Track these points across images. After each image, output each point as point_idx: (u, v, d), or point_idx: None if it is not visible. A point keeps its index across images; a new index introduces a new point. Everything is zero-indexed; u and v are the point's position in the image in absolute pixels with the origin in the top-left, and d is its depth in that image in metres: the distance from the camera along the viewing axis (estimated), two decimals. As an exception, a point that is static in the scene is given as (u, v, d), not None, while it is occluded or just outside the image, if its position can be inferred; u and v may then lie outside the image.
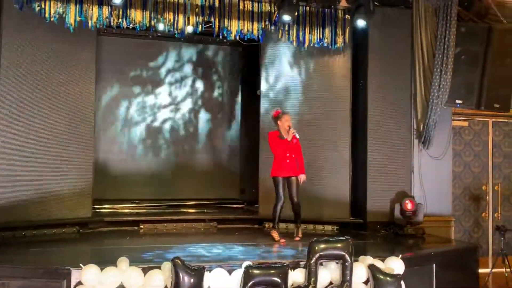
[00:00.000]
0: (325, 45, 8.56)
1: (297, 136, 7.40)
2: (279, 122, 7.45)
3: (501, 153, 10.04)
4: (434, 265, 6.50)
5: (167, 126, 10.60)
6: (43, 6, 7.31)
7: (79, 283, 5.12)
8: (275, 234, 7.36)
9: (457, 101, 8.43)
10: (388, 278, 5.53)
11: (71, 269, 5.19)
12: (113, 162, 10.16)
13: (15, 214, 7.21)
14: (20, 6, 7.20)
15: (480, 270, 7.43)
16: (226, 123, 11.02)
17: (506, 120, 10.01)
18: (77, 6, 7.47)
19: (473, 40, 8.39)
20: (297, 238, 7.42)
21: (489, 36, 8.36)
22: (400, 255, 5.92)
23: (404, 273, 5.77)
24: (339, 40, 8.59)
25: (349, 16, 8.55)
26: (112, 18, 7.72)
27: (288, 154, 7.35)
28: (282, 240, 7.27)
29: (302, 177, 7.41)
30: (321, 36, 8.53)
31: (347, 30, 8.62)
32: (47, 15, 7.34)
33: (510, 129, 10.10)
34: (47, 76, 7.71)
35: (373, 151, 8.57)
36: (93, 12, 7.59)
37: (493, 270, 8.26)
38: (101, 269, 5.13)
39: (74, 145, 7.95)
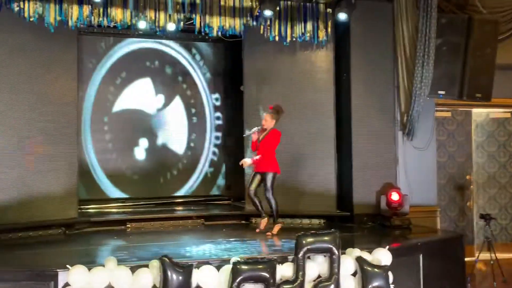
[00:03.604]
0: (307, 39, 8.58)
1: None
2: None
3: (484, 142, 10.16)
4: (420, 255, 6.53)
5: (152, 124, 10.54)
6: (22, 6, 7.25)
7: (67, 284, 5.07)
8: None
9: (439, 92, 8.48)
10: (375, 270, 5.57)
11: (58, 270, 5.14)
12: (99, 161, 10.05)
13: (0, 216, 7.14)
14: (-1, 7, 7.14)
15: (466, 259, 7.50)
16: (210, 119, 10.98)
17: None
18: (57, 5, 7.42)
19: (454, 31, 8.44)
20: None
21: (469, 26, 8.40)
22: (387, 246, 5.96)
23: (392, 264, 5.79)
24: (321, 34, 8.61)
25: (330, 10, 8.57)
26: (92, 17, 7.68)
27: None
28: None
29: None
30: (303, 30, 8.55)
31: (329, 24, 8.64)
32: (26, 15, 7.29)
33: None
34: (29, 77, 7.63)
35: (357, 144, 8.60)
36: (73, 11, 7.54)
37: (479, 258, 8.34)
38: (89, 270, 5.09)
39: (58, 145, 7.89)
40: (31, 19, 7.33)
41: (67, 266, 5.09)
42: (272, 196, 7.43)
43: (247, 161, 7.49)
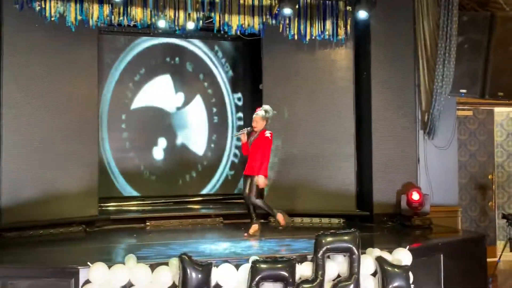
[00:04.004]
0: (327, 37, 8.52)
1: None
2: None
3: (506, 142, 10.03)
4: (441, 255, 6.48)
5: (171, 123, 10.54)
6: (43, 5, 7.32)
7: (87, 281, 5.12)
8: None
9: (461, 91, 8.38)
10: (396, 270, 5.52)
11: (79, 267, 5.19)
12: (115, 160, 10.08)
13: (21, 214, 7.23)
14: (20, 6, 7.21)
15: (488, 259, 7.41)
16: (232, 120, 10.94)
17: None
18: (78, 4, 7.48)
19: (476, 28, 8.34)
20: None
21: (491, 24, 8.30)
22: (408, 246, 5.90)
23: (412, 264, 5.74)
24: (341, 32, 8.54)
25: (350, 8, 8.50)
26: (113, 16, 7.72)
27: None
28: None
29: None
30: (322, 28, 8.49)
31: (349, 22, 8.56)
32: (47, 14, 7.35)
33: (515, 117, 10.09)
34: (49, 76, 7.72)
35: (378, 143, 8.53)
36: (94, 10, 7.58)
37: (501, 258, 8.23)
38: (109, 267, 5.13)
39: (79, 144, 7.95)
40: (52, 19, 7.39)
41: (88, 263, 5.14)
42: (255, 198, 7.35)
43: (260, 181, 7.30)
